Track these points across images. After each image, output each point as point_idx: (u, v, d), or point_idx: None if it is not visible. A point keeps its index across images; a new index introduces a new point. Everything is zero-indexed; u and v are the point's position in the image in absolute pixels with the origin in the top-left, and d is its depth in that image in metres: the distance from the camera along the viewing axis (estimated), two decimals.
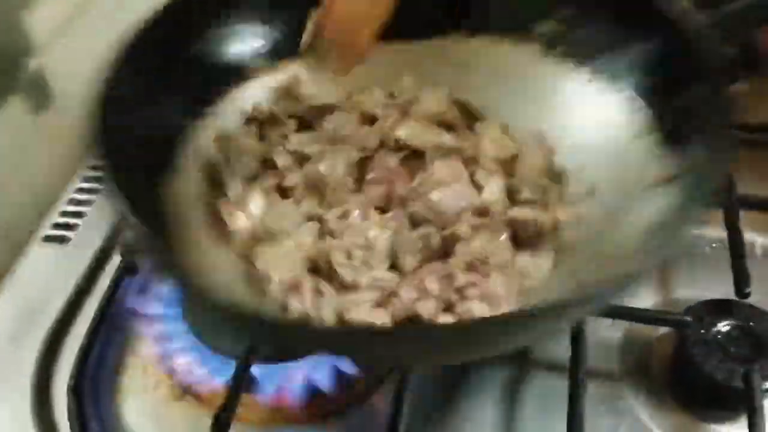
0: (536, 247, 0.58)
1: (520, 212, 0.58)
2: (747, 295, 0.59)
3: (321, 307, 0.53)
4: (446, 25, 0.70)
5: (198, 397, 0.61)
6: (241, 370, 0.57)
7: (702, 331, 0.58)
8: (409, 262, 0.56)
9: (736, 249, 0.62)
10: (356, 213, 0.58)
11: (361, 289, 0.54)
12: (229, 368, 0.59)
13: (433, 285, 0.53)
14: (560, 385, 0.56)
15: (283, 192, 0.61)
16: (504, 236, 0.57)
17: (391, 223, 0.57)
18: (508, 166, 0.63)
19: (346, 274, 0.54)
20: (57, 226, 0.74)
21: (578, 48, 0.67)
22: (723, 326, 0.59)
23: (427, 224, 0.57)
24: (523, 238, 0.58)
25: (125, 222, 0.50)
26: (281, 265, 0.55)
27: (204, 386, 0.60)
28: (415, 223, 0.58)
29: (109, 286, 0.66)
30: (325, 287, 0.54)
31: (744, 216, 0.66)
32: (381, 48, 0.68)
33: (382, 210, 0.59)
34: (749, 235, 0.65)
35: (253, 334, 0.54)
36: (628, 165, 0.61)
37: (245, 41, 0.67)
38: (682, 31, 0.60)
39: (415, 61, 0.69)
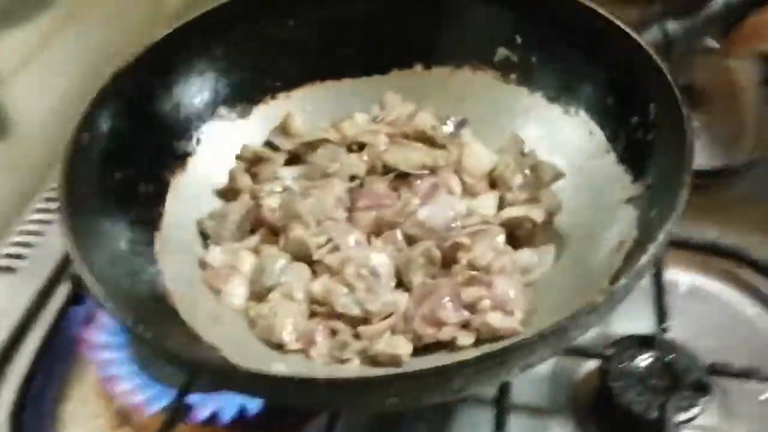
0: (534, 243, 0.62)
1: (512, 212, 0.63)
2: (665, 330, 0.62)
3: (343, 351, 0.55)
4: (407, 59, 0.74)
5: (137, 425, 0.62)
6: (178, 398, 0.59)
7: (621, 364, 0.61)
8: (415, 279, 0.58)
9: (658, 286, 0.65)
10: (351, 242, 0.61)
11: (374, 317, 0.56)
12: (167, 395, 0.61)
13: (444, 313, 0.56)
14: (485, 417, 0.58)
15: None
16: (501, 237, 0.61)
17: (389, 246, 0.60)
18: (492, 176, 0.67)
19: (351, 308, 0.57)
20: (7, 256, 0.75)
21: (533, 74, 0.71)
22: (643, 360, 0.61)
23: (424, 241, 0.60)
24: (520, 237, 0.62)
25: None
26: (286, 320, 0.57)
27: (142, 414, 0.62)
28: (410, 241, 0.61)
29: (55, 315, 0.67)
30: (339, 325, 0.57)
31: (671, 254, 0.68)
32: (348, 82, 0.73)
33: (376, 234, 0.62)
34: (674, 273, 0.68)
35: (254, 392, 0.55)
36: (591, 183, 0.65)
37: (206, 91, 0.70)
38: (631, 53, 0.63)
39: (381, 93, 0.73)
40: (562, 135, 0.69)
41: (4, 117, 0.85)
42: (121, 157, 0.62)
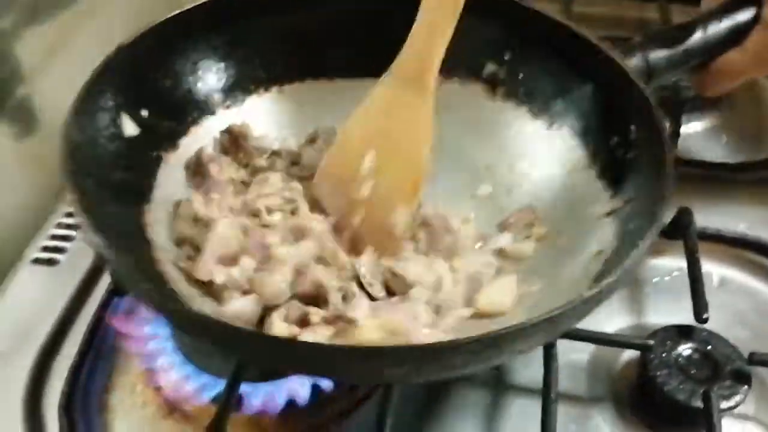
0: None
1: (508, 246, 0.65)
2: (705, 321, 0.63)
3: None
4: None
5: (185, 415, 0.63)
6: (231, 388, 0.60)
7: (664, 354, 0.62)
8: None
9: (695, 278, 0.66)
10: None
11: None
12: (216, 385, 0.61)
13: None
14: (533, 406, 0.60)
15: None
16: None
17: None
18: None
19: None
20: (46, 249, 0.76)
21: (519, 90, 0.72)
22: (684, 350, 0.63)
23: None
24: None
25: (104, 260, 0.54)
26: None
27: (191, 404, 0.63)
28: None
29: (98, 307, 0.68)
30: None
31: (702, 247, 0.70)
32: (341, 83, 0.74)
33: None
34: (707, 266, 0.69)
35: (244, 352, 0.56)
36: (571, 195, 0.67)
37: (207, 77, 0.71)
38: (614, 76, 0.65)
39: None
40: (544, 149, 0.70)
41: (31, 113, 0.85)
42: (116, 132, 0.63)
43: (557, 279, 0.60)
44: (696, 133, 0.89)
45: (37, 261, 0.74)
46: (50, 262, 0.75)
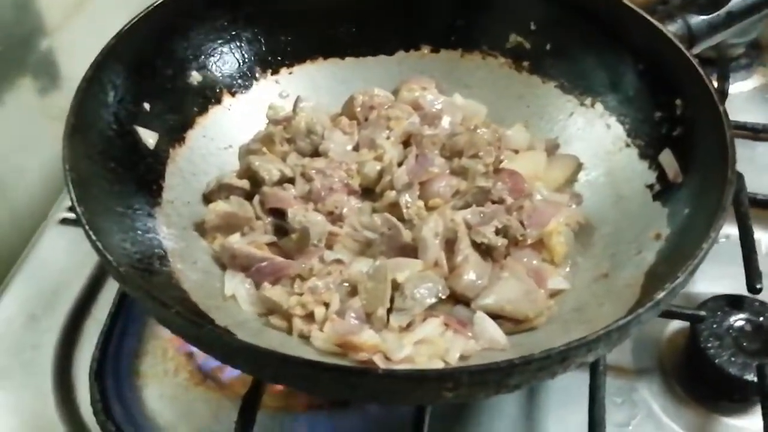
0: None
1: None
2: (759, 291, 0.61)
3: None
4: (414, 40, 0.72)
5: (218, 382, 0.61)
6: None
7: (714, 325, 0.60)
8: None
9: (748, 246, 0.64)
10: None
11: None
12: None
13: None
14: (580, 379, 0.58)
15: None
16: None
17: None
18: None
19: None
20: (73, 208, 0.74)
21: (546, 63, 0.68)
22: (735, 321, 0.61)
23: None
24: None
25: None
26: None
27: (224, 371, 0.61)
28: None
29: None
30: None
31: (751, 214, 0.67)
32: (351, 61, 0.71)
33: None
34: (757, 233, 0.67)
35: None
36: (611, 179, 0.63)
37: (210, 63, 0.68)
38: (655, 43, 0.61)
39: (384, 74, 0.71)
40: (576, 127, 0.67)
41: (55, 67, 0.83)
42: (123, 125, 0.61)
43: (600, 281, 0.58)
44: (742, 93, 0.85)
45: (64, 221, 0.73)
46: (78, 222, 0.72)
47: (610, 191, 0.62)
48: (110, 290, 0.66)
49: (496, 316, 0.55)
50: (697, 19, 0.64)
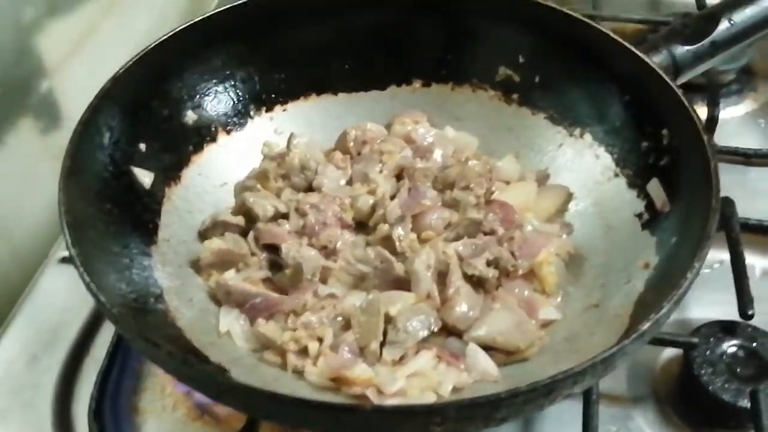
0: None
1: None
2: (750, 317, 0.61)
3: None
4: (406, 75, 0.73)
5: (215, 417, 0.62)
6: None
7: (708, 352, 0.60)
8: None
9: (739, 272, 0.64)
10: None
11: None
12: None
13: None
14: (574, 407, 0.58)
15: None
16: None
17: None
18: None
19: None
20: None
21: (535, 95, 0.70)
22: (728, 347, 0.61)
23: None
24: None
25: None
26: None
27: (220, 406, 0.61)
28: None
29: None
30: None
31: (743, 238, 0.67)
32: (344, 97, 0.73)
33: None
34: (749, 258, 0.67)
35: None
36: (600, 209, 0.64)
37: (205, 102, 0.69)
38: (640, 75, 0.62)
39: (377, 109, 0.73)
40: (565, 158, 0.68)
41: (56, 107, 0.84)
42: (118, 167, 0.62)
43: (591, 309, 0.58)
44: (734, 118, 0.86)
45: (64, 260, 0.73)
46: None
47: (599, 221, 0.63)
48: (109, 329, 0.66)
49: (488, 348, 0.56)
50: (681, 50, 0.65)
